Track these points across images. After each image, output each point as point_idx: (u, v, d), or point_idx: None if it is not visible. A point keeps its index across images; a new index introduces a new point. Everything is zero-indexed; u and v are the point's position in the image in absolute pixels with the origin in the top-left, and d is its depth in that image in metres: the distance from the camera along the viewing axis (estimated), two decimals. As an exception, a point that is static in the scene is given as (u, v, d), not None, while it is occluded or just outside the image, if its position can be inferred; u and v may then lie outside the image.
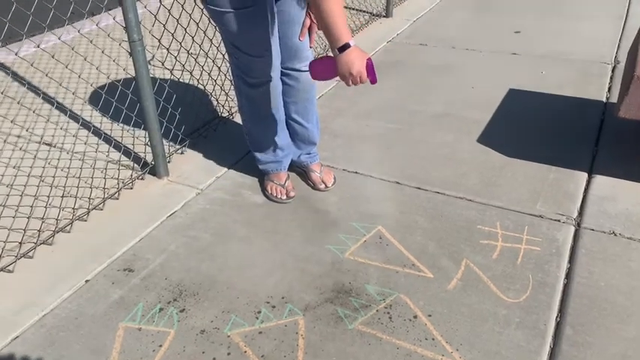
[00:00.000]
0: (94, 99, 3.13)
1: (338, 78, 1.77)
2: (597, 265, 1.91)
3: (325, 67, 1.80)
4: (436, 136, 2.75)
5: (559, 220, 2.13)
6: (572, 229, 2.09)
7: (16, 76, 3.41)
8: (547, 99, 3.04)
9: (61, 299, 1.84)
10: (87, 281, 1.91)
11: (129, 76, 2.26)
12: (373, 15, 4.50)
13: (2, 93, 2.42)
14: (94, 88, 3.24)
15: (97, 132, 2.73)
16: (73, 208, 2.24)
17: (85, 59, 2.74)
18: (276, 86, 2.12)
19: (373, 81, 1.76)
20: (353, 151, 2.63)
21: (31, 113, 2.94)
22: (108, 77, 3.03)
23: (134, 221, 2.19)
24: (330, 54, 1.76)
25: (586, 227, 2.09)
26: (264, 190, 2.34)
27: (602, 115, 2.85)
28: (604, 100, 3.02)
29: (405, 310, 1.76)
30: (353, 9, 4.63)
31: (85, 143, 2.64)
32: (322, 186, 2.34)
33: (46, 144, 2.71)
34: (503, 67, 3.50)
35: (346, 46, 1.68)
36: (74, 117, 2.93)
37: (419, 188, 2.35)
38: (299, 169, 2.44)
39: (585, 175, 2.39)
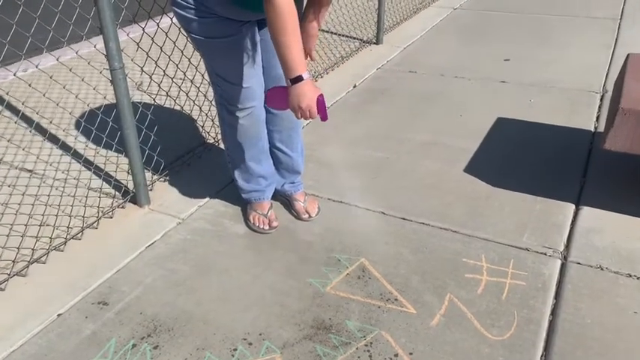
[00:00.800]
0: (75, 127, 3.09)
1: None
2: (584, 301, 1.87)
3: (279, 97, 1.80)
4: (423, 165, 2.72)
5: (545, 254, 2.10)
6: (559, 262, 2.05)
7: None
8: (535, 128, 3.03)
9: (31, 334, 1.78)
10: (59, 315, 1.85)
11: (110, 102, 2.24)
12: (363, 42, 4.51)
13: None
14: (74, 116, 3.21)
15: (78, 160, 2.69)
16: (50, 238, 2.19)
17: (64, 87, 2.72)
18: (258, 115, 2.10)
19: (324, 118, 1.76)
20: (338, 180, 2.60)
21: (11, 141, 2.90)
22: (87, 105, 3.00)
23: (112, 252, 2.14)
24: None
25: (572, 261, 2.05)
26: (246, 219, 2.30)
27: (590, 145, 2.83)
28: (592, 129, 3.00)
29: (386, 348, 1.71)
30: (343, 35, 4.64)
31: (66, 171, 2.60)
32: (306, 216, 2.30)
33: (27, 170, 2.67)
34: (492, 95, 3.50)
35: (299, 79, 1.68)
36: (55, 145, 2.89)
37: (404, 219, 2.31)
38: (283, 198, 2.40)
39: (573, 206, 2.36)
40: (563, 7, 5.42)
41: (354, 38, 4.59)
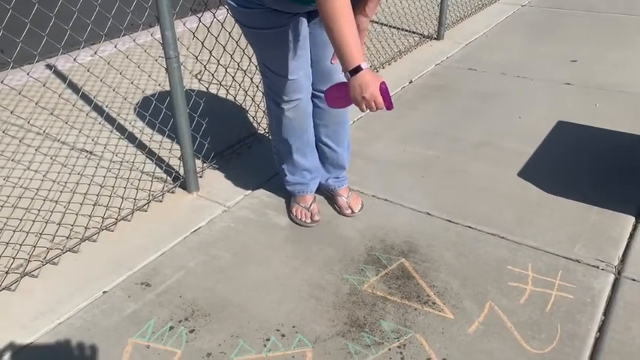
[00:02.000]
0: (131, 112, 3.20)
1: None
2: (636, 321, 1.76)
3: (340, 93, 1.73)
4: (475, 166, 2.65)
5: (597, 267, 1.99)
6: (612, 277, 1.95)
7: (50, 89, 3.55)
8: (598, 134, 2.88)
9: (77, 309, 1.86)
10: (104, 292, 1.93)
11: (166, 90, 2.31)
12: (424, 37, 4.42)
13: (37, 104, 2.51)
14: (131, 102, 3.32)
15: (133, 145, 2.78)
16: (102, 217, 2.28)
17: (120, 73, 2.81)
18: (305, 108, 2.09)
19: (389, 107, 1.66)
20: (385, 177, 2.57)
21: (70, 122, 3.04)
22: (143, 92, 3.09)
23: (159, 235, 2.21)
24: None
25: (627, 277, 1.94)
26: (289, 211, 2.31)
27: (657, 155, 2.67)
28: (661, 138, 2.82)
29: (419, 352, 1.68)
30: (403, 29, 4.57)
31: (121, 154, 2.69)
32: (348, 211, 2.29)
33: (86, 151, 2.79)
34: (555, 97, 3.35)
35: (358, 69, 1.60)
36: (111, 130, 3.00)
37: (449, 221, 2.26)
38: (327, 193, 2.40)
39: (632, 219, 2.23)
40: (636, 6, 5.11)
41: (414, 32, 4.51)
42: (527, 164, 2.64)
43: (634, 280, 1.93)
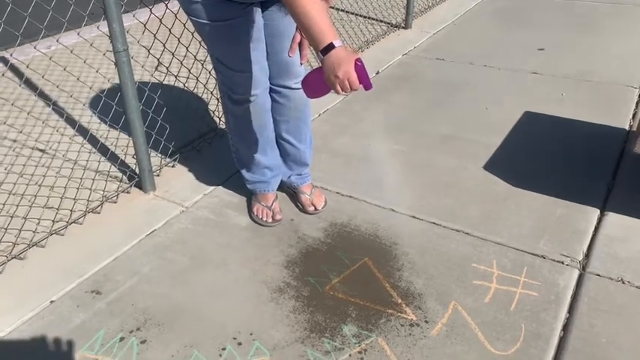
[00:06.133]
0: (84, 110, 3.07)
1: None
2: (600, 318, 1.74)
3: (317, 80, 1.58)
4: (441, 160, 2.60)
5: (562, 262, 1.96)
6: (576, 273, 1.92)
7: None
8: (565, 125, 2.85)
9: (22, 321, 1.75)
10: (52, 302, 1.83)
11: (116, 85, 2.20)
12: (392, 25, 4.35)
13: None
14: (80, 100, 3.19)
15: (84, 144, 2.66)
16: (52, 221, 2.17)
17: (65, 69, 2.68)
18: (263, 104, 2.01)
19: (367, 86, 1.51)
20: (350, 173, 2.50)
21: (9, 124, 2.90)
22: (92, 88, 2.95)
23: (112, 238, 2.10)
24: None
25: (591, 272, 1.92)
26: (250, 211, 2.23)
27: (622, 146, 2.65)
28: (627, 128, 2.81)
29: (380, 357, 1.62)
30: (370, 18, 4.49)
31: (71, 153, 2.57)
32: (311, 209, 2.22)
33: (40, 150, 2.66)
34: (522, 86, 3.32)
35: (330, 47, 1.48)
36: (61, 128, 2.87)
37: (414, 217, 2.20)
38: (289, 190, 2.32)
39: (597, 211, 2.21)
40: (607, -7, 5.12)
41: (382, 22, 4.43)
42: (493, 157, 2.60)
43: (598, 275, 1.90)
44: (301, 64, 2.01)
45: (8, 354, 1.64)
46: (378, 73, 3.57)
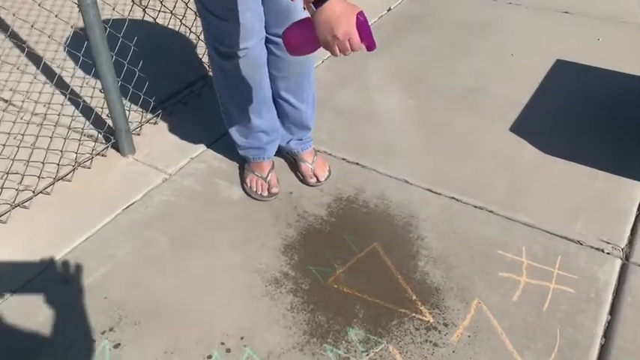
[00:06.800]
0: (54, 63, 2.71)
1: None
2: (646, 321, 1.49)
3: (303, 35, 1.28)
4: (461, 119, 2.28)
5: (602, 250, 1.69)
6: (618, 263, 1.66)
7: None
8: (602, 76, 2.50)
9: (-24, 318, 1.52)
10: (12, 293, 1.58)
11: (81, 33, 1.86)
12: (405, -47, 3.86)
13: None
14: (42, 48, 2.82)
15: (55, 102, 2.32)
16: (16, 190, 1.89)
17: (13, 14, 2.30)
18: (257, 58, 1.68)
19: (371, 46, 1.24)
20: (357, 135, 2.19)
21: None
22: (50, 37, 2.58)
23: (83, 213, 1.83)
24: None
25: (636, 262, 1.65)
26: (242, 181, 1.94)
27: (669, 103, 2.32)
28: (673, 81, 2.47)
29: (392, 371, 1.40)
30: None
31: (40, 113, 2.25)
32: (313, 180, 1.93)
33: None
34: (552, 28, 2.93)
35: None
36: (36, 80, 2.53)
37: (430, 191, 1.92)
38: (288, 157, 2.03)
39: (641, 186, 1.92)
40: None
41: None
42: (520, 116, 2.28)
43: (644, 266, 1.64)
44: (304, 8, 1.65)
45: (-41, 360, 1.42)
46: (389, 10, 3.16)
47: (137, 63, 2.23)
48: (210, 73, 2.48)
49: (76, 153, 2.06)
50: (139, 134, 2.17)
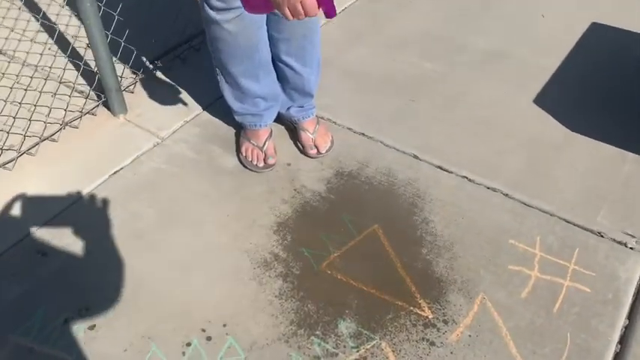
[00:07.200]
0: (41, 14, 2.54)
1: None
2: (669, 329, 1.36)
3: None
4: (481, 87, 2.09)
5: (625, 244, 1.54)
6: (642, 260, 1.51)
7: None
8: (642, 44, 2.27)
9: (-52, 290, 1.44)
10: (-16, 266, 1.50)
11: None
12: None
13: None
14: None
15: (43, 54, 2.18)
16: (0, 149, 1.79)
17: None
18: (254, 17, 1.50)
19: (329, 12, 1.11)
20: (365, 101, 2.02)
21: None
22: None
23: (67, 178, 1.72)
24: None
25: (662, 261, 1.50)
26: (238, 150, 1.80)
27: None
28: None
29: (383, 371, 1.29)
30: None
31: (26, 70, 2.11)
32: (313, 151, 1.79)
33: (-8, 51, 2.20)
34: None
35: None
36: (19, 32, 2.37)
37: (441, 168, 1.76)
38: (288, 124, 1.87)
39: (675, 172, 1.74)
40: None
41: None
42: (547, 86, 2.08)
43: (671, 265, 1.49)
44: None
45: None
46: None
47: (131, 14, 2.06)
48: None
49: (65, 110, 1.93)
50: (132, 92, 2.03)
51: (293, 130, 1.86)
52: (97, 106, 1.95)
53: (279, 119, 1.84)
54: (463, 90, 2.07)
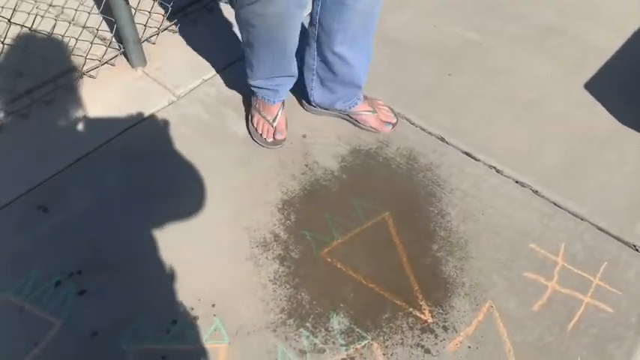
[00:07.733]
0: None
1: None
2: (694, 364, 1.22)
3: None
4: (528, 64, 1.90)
5: (662, 262, 1.39)
6: (678, 283, 1.35)
7: None
8: None
9: (-51, 238, 1.44)
10: (-10, 215, 1.49)
11: None
12: None
13: None
14: None
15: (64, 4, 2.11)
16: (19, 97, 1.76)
17: None
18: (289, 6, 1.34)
19: None
20: (398, 71, 1.87)
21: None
22: None
23: (78, 129, 1.68)
24: None
25: (701, 285, 1.35)
26: (248, 119, 1.71)
27: None
28: None
29: (370, 375, 1.22)
30: None
31: (51, 13, 2.05)
32: (389, 128, 1.67)
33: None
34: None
35: None
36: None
37: (468, 155, 1.62)
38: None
39: None
40: None
41: None
42: (602, 70, 1.87)
43: None
44: None
45: None
46: None
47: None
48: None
49: (85, 57, 1.87)
50: (153, 43, 1.94)
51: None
52: (116, 56, 1.88)
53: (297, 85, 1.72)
54: (507, 66, 1.89)
